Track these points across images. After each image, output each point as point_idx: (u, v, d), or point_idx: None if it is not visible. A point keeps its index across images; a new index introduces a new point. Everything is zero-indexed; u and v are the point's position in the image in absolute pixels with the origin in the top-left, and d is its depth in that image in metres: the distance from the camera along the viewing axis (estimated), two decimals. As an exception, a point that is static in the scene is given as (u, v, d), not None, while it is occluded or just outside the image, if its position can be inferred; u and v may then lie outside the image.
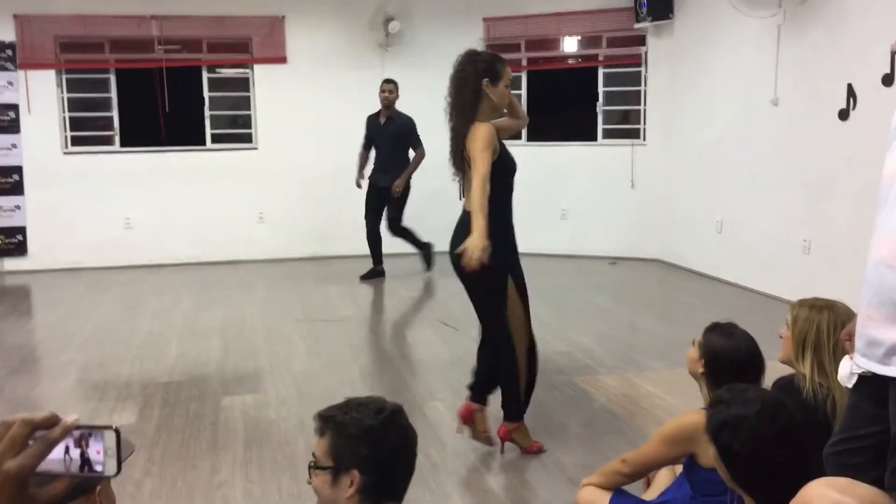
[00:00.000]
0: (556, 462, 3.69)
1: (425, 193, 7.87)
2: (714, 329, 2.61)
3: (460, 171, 3.62)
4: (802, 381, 2.66)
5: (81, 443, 0.91)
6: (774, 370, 2.75)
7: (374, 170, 7.70)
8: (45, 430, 0.89)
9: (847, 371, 2.32)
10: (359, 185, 7.77)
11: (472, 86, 3.56)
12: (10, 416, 0.89)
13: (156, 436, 4.05)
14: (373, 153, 7.83)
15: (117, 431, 0.93)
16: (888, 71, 5.17)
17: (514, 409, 3.77)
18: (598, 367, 5.10)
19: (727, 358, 2.53)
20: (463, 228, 3.48)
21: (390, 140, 7.61)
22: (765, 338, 2.66)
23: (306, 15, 8.76)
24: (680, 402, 4.17)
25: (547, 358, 5.31)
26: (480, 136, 3.46)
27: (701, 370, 2.58)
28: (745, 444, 1.84)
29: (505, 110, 3.73)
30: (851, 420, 2.30)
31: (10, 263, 8.43)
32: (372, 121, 7.76)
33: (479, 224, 3.34)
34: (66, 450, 0.91)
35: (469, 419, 3.83)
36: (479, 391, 3.83)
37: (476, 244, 3.31)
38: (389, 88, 7.59)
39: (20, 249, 8.43)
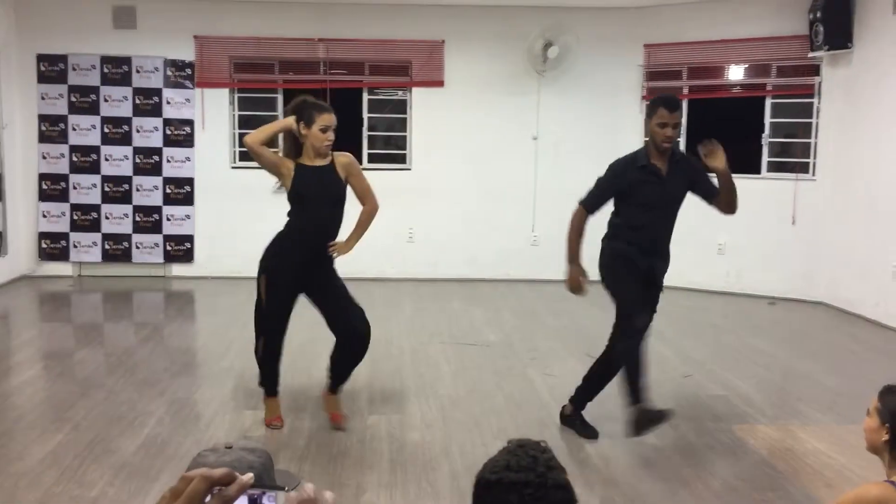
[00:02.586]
0: (712, 517, 3.48)
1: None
2: (892, 391, 2.38)
3: None
4: None
5: (256, 503, 0.92)
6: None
7: None
8: (223, 486, 0.90)
9: None
10: None
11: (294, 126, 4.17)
12: (190, 472, 0.91)
13: (305, 449, 4.13)
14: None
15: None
16: None
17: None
18: (757, 415, 4.80)
19: None
20: None
21: None
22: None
23: (465, 39, 8.86)
24: (852, 464, 3.84)
25: (701, 402, 5.07)
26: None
27: (885, 437, 2.34)
28: None
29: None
30: None
31: (178, 269, 8.96)
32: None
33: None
34: None
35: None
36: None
37: None
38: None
39: (187, 256, 8.95)
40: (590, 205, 4.45)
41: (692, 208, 6.11)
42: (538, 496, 1.54)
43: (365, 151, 9.05)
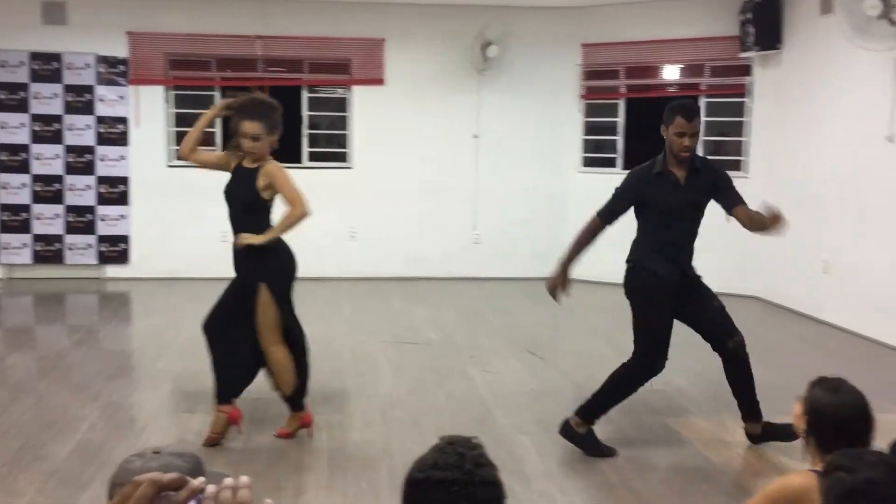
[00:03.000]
0: (647, 509, 3.54)
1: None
2: (819, 384, 2.48)
3: None
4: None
5: None
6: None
7: None
8: (173, 491, 0.90)
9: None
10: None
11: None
12: (140, 477, 0.90)
13: (243, 452, 4.08)
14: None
15: None
16: None
17: None
18: (692, 409, 4.91)
19: (831, 416, 2.39)
20: None
21: None
22: (876, 389, 2.50)
23: (406, 38, 8.85)
24: (782, 454, 3.96)
25: (637, 396, 5.13)
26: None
27: (804, 427, 2.44)
28: None
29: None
30: None
31: (113, 270, 8.75)
32: None
33: None
34: None
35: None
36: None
37: None
38: None
39: (122, 257, 8.75)
40: (605, 213, 4.20)
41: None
42: (465, 494, 1.54)
43: (305, 150, 8.98)
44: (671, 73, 8.81)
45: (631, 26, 8.66)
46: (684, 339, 6.59)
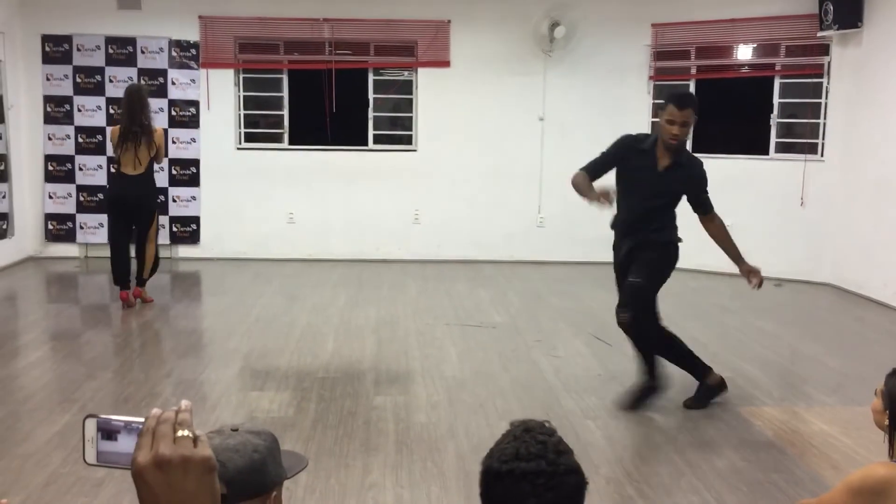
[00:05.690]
0: (718, 498, 3.47)
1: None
2: (895, 374, 2.39)
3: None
4: None
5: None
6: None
7: None
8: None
9: None
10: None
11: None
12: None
13: (311, 430, 4.14)
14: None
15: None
16: None
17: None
18: (763, 397, 4.79)
19: None
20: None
21: None
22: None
23: (471, 19, 8.80)
24: (858, 445, 3.84)
25: (707, 383, 5.05)
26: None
27: (886, 422, 2.35)
28: None
29: None
30: None
31: (184, 251, 8.97)
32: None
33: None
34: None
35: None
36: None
37: None
38: None
39: (193, 238, 8.95)
40: (589, 170, 4.43)
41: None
42: (551, 485, 1.49)
43: (371, 132, 9.02)
44: (744, 52, 8.56)
45: (703, 5, 8.44)
46: (754, 327, 6.47)
